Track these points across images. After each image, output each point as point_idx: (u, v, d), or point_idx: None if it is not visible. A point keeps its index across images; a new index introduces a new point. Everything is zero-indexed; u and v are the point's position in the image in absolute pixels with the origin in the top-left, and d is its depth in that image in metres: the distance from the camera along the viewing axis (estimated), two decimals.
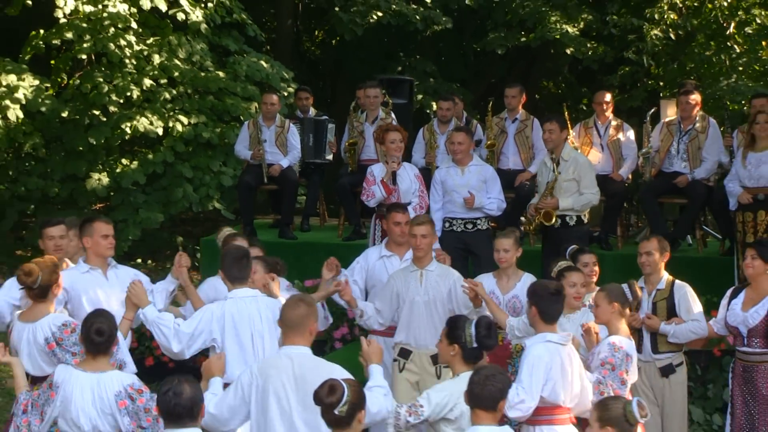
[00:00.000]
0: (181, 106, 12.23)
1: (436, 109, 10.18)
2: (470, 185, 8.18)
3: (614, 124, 9.51)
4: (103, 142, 11.96)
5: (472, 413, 4.53)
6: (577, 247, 7.13)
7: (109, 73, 12.07)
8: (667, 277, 6.62)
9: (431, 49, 16.04)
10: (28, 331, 5.49)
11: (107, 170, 12.10)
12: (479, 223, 8.20)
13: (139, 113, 11.90)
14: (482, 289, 6.25)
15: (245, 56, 13.03)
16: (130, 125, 11.80)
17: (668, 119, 9.45)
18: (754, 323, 6.13)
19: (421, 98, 13.75)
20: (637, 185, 9.98)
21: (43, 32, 12.13)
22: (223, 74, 12.58)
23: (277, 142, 9.98)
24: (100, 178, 11.98)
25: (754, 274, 6.29)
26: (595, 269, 6.76)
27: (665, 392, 6.56)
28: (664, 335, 6.47)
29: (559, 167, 7.99)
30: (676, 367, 6.53)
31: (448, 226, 8.23)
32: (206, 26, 12.77)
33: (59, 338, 5.40)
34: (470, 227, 8.09)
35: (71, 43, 12.16)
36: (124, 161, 12.25)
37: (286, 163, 9.92)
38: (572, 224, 8.05)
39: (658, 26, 13.78)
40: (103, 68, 12.18)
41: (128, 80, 11.95)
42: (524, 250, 7.15)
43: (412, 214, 7.87)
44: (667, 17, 13.80)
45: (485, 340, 5.06)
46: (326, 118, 10.43)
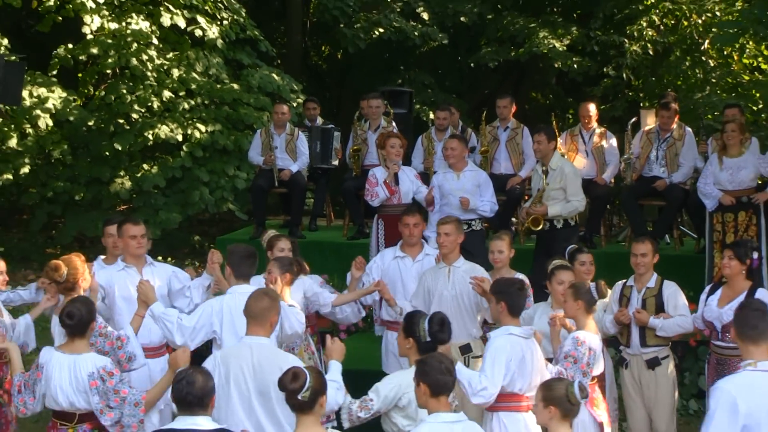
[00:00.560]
0: (198, 115, 12.25)
1: (433, 118, 10.17)
2: (465, 189, 8.17)
3: (598, 132, 9.54)
4: (126, 148, 11.98)
5: (432, 402, 4.46)
6: (576, 246, 7.14)
7: (132, 85, 12.11)
8: (656, 276, 6.57)
9: (429, 62, 16.04)
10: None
11: (130, 174, 12.12)
12: (473, 224, 8.18)
13: (159, 122, 11.93)
14: (488, 284, 6.17)
15: (257, 69, 13.06)
16: (151, 133, 11.83)
17: (648, 128, 9.46)
18: (727, 320, 6.04)
19: (419, 108, 13.75)
20: (619, 188, 10.00)
21: (71, 47, 12.16)
22: (237, 86, 12.61)
23: (287, 148, 9.99)
24: (123, 181, 12.00)
25: (730, 273, 6.26)
26: (591, 268, 6.72)
27: (651, 384, 6.50)
28: (652, 329, 6.42)
29: (547, 177, 7.98)
30: (662, 360, 6.47)
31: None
32: (222, 42, 12.81)
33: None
34: (465, 228, 8.06)
35: (97, 57, 12.20)
36: (145, 166, 12.25)
37: (295, 168, 9.93)
38: (560, 227, 8.05)
39: (638, 42, 13.80)
40: (126, 80, 12.21)
41: (150, 92, 11.99)
42: (516, 249, 7.16)
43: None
44: (646, 34, 13.82)
45: (438, 334, 5.04)
46: (332, 126, 10.43)
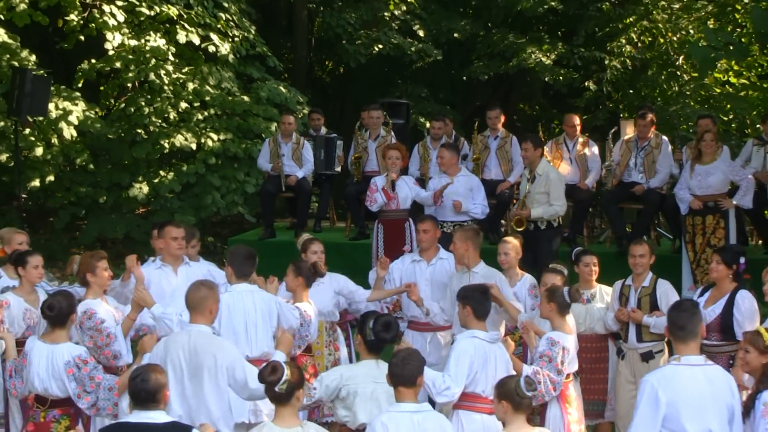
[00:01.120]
0: (211, 125, 12.24)
1: (429, 127, 10.19)
2: (458, 193, 8.21)
3: (581, 140, 9.56)
4: (144, 156, 11.99)
5: (395, 391, 4.47)
6: (582, 249, 7.14)
7: (150, 97, 12.11)
8: (651, 275, 6.56)
9: (424, 76, 16.05)
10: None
11: (148, 180, 12.10)
12: (465, 225, 8.20)
13: (175, 131, 11.92)
14: (497, 290, 6.16)
15: (266, 83, 13.06)
16: (167, 142, 11.82)
17: (627, 137, 9.48)
18: (710, 320, 6.04)
19: (416, 118, 13.76)
20: (600, 193, 10.00)
21: (93, 62, 12.17)
22: (247, 98, 12.60)
23: (293, 156, 10.01)
24: (141, 187, 11.98)
25: (717, 277, 6.20)
26: (594, 269, 6.66)
27: (642, 374, 6.45)
28: (647, 326, 6.40)
29: (534, 182, 8.00)
30: (655, 354, 6.42)
31: (439, 227, 8.23)
32: (233, 57, 12.81)
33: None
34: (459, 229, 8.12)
35: (118, 72, 12.22)
36: (162, 172, 12.24)
37: (301, 174, 9.95)
38: (543, 228, 8.07)
39: (617, 58, 13.82)
40: (145, 93, 12.21)
41: (166, 104, 12.00)
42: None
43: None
44: (625, 50, 13.85)
45: (381, 334, 4.98)
46: (335, 135, 10.45)
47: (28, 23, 11.49)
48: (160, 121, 12.00)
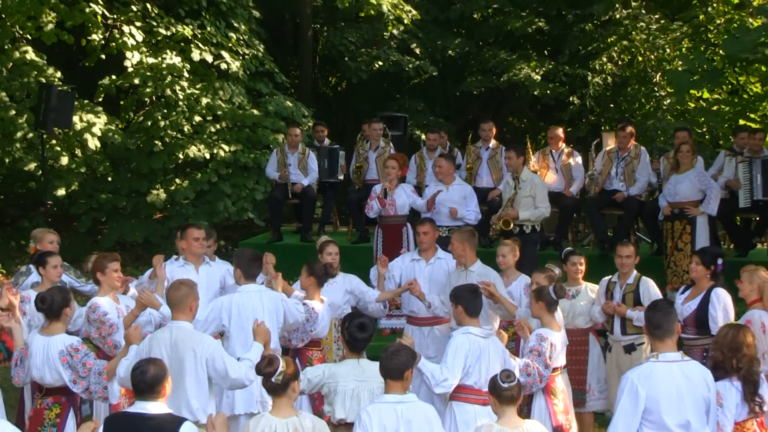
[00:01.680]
0: (223, 137, 12.28)
1: (425, 139, 10.19)
2: (453, 200, 8.21)
3: (566, 151, 9.56)
4: (161, 165, 12.00)
5: (385, 384, 4.46)
6: (570, 249, 7.16)
7: (166, 111, 12.15)
8: (636, 273, 6.59)
9: (421, 91, 16.07)
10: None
11: (164, 187, 12.13)
12: (462, 227, 8.22)
13: (189, 143, 11.96)
14: (494, 288, 6.23)
15: (274, 97, 13.09)
16: (182, 152, 11.86)
17: (608, 148, 9.49)
18: (686, 315, 6.09)
19: (413, 130, 13.79)
20: (584, 200, 10.01)
21: (114, 78, 12.20)
22: (256, 112, 12.64)
23: (299, 165, 10.01)
24: (158, 193, 12.00)
25: (696, 276, 6.22)
26: (581, 268, 6.70)
27: (627, 365, 6.40)
28: (630, 320, 6.44)
29: (519, 185, 8.03)
30: (637, 346, 6.46)
31: (441, 233, 8.26)
32: (243, 74, 12.85)
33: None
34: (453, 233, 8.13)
35: (137, 87, 12.25)
36: (177, 180, 12.27)
37: (306, 182, 9.95)
38: (528, 232, 8.07)
39: (599, 75, 13.86)
40: (161, 107, 12.26)
41: (181, 117, 12.04)
42: (493, 249, 7.15)
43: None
44: (606, 68, 13.88)
45: (355, 333, 4.92)
46: (338, 146, 10.45)
47: (54, 41, 11.54)
48: (175, 133, 12.03)
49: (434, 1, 15.50)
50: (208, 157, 11.94)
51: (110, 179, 12.22)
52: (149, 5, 12.71)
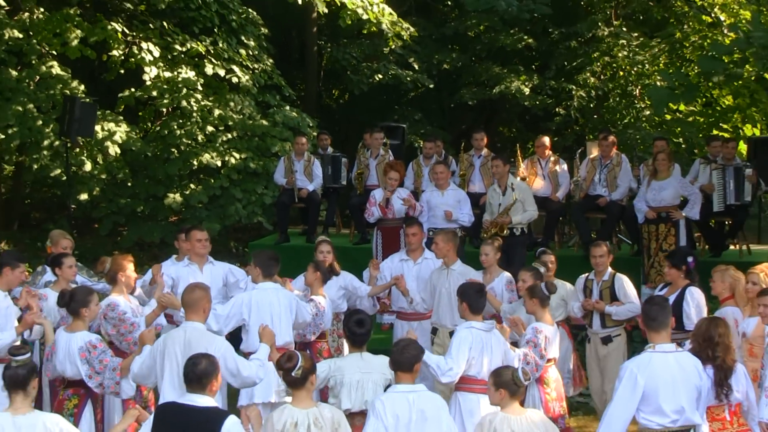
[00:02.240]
0: (234, 145, 12.26)
1: (422, 147, 10.20)
2: (448, 204, 8.23)
3: (552, 159, 9.56)
4: (176, 171, 12.00)
5: (395, 375, 4.45)
6: (544, 249, 7.20)
7: (181, 121, 12.14)
8: (610, 271, 6.61)
9: (418, 102, 16.08)
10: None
11: (180, 192, 12.11)
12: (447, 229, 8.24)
13: (203, 150, 11.94)
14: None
15: (281, 109, 13.08)
16: (196, 159, 11.85)
17: (592, 156, 9.49)
18: None
19: (410, 139, 13.79)
20: (569, 204, 10.00)
21: (133, 91, 12.21)
22: (265, 122, 12.61)
23: (305, 172, 10.00)
24: (174, 198, 11.98)
25: (671, 278, 6.23)
26: (552, 266, 6.73)
27: (605, 355, 6.55)
28: (608, 314, 6.46)
29: (505, 193, 8.04)
30: (614, 337, 6.50)
31: (431, 234, 8.23)
32: (253, 87, 12.85)
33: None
34: None
35: (154, 99, 12.24)
36: (192, 185, 12.25)
37: (311, 187, 9.94)
38: (518, 234, 8.10)
39: (583, 88, 13.87)
40: (177, 118, 12.24)
41: (195, 127, 12.02)
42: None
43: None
44: (590, 82, 13.90)
45: (353, 328, 4.93)
46: (340, 154, 10.44)
47: (78, 56, 11.55)
48: (190, 141, 12.02)
49: (430, 19, 15.53)
50: (220, 164, 11.93)
51: (129, 184, 12.21)
52: (166, 23, 12.73)
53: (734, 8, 13.03)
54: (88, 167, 11.40)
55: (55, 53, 11.67)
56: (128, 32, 12.24)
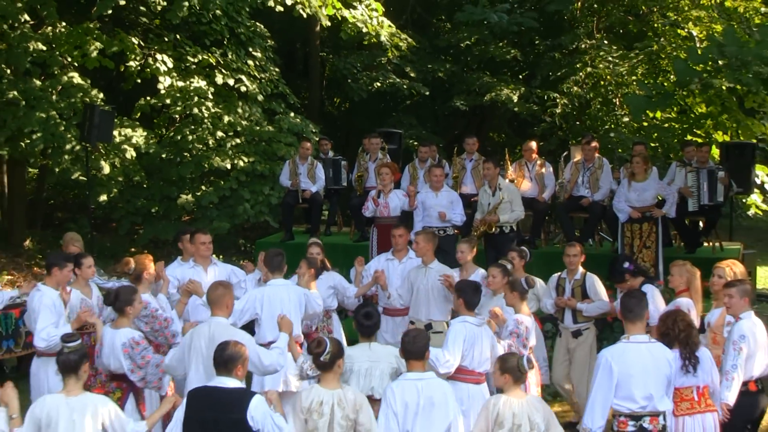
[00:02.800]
0: (242, 149, 12.24)
1: (417, 151, 10.17)
2: (442, 204, 8.18)
3: (539, 162, 9.53)
4: (188, 174, 11.96)
5: (407, 364, 4.45)
6: (512, 247, 7.16)
7: (193, 127, 12.12)
8: (582, 270, 6.58)
9: (414, 109, 16.04)
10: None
11: (192, 193, 12.09)
12: (448, 230, 8.21)
13: (213, 154, 11.92)
14: (454, 279, 6.21)
15: (286, 115, 13.06)
16: (207, 163, 11.82)
17: (576, 159, 9.46)
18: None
19: (407, 143, 13.75)
20: (555, 204, 9.99)
21: (149, 99, 12.17)
22: (271, 128, 12.61)
23: (308, 174, 9.97)
24: (186, 199, 11.97)
25: (626, 287, 6.15)
26: (514, 262, 6.62)
27: (575, 348, 6.54)
28: (580, 311, 6.44)
29: (501, 193, 8.01)
30: (583, 331, 6.49)
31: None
32: (260, 95, 12.82)
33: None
34: (442, 233, 8.11)
35: (168, 106, 12.21)
36: (203, 187, 12.24)
37: (314, 189, 9.91)
38: (507, 232, 8.08)
39: (567, 96, 13.85)
40: (189, 124, 12.21)
41: (206, 132, 12.00)
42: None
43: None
44: (573, 90, 13.88)
45: (362, 320, 4.93)
46: (340, 157, 10.39)
47: (97, 66, 11.51)
48: (201, 146, 11.99)
49: (425, 32, 15.50)
50: (229, 167, 11.90)
51: (145, 186, 12.18)
52: (179, 36, 12.70)
53: (707, 24, 13.03)
54: (106, 170, 11.37)
55: (75, 64, 11.64)
56: (144, 44, 12.21)
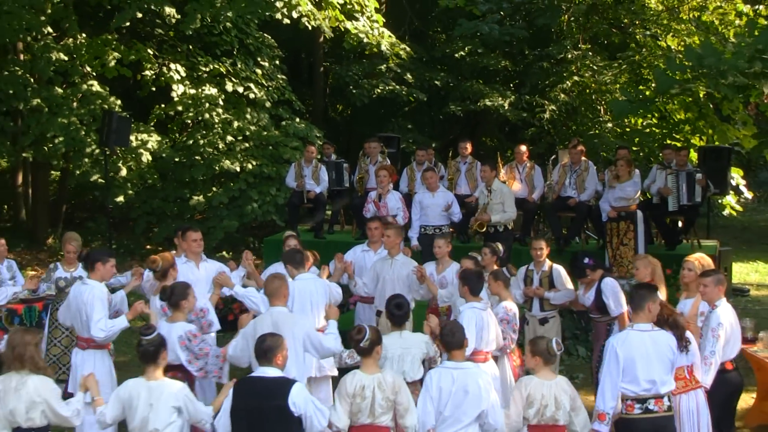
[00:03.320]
0: (250, 153, 12.23)
1: (415, 155, 10.14)
2: (438, 204, 8.16)
3: (528, 165, 9.50)
4: (200, 176, 11.95)
5: (448, 354, 4.47)
6: (492, 244, 7.01)
7: (204, 132, 12.11)
8: (548, 262, 6.58)
9: (412, 115, 16.03)
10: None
11: (203, 194, 12.08)
12: (443, 228, 8.19)
13: (223, 158, 11.90)
14: (425, 270, 6.26)
15: (292, 121, 13.04)
16: (217, 165, 11.81)
17: (563, 162, 9.44)
18: (588, 303, 6.12)
19: (405, 147, 13.72)
20: (543, 204, 9.97)
21: (163, 106, 12.15)
22: (278, 133, 12.59)
23: (312, 176, 9.94)
24: (198, 199, 11.96)
25: (585, 282, 6.16)
26: (485, 257, 6.52)
27: (541, 334, 6.32)
28: (547, 299, 6.45)
29: (491, 195, 8.01)
30: (549, 319, 6.50)
31: (423, 231, 8.20)
32: (268, 102, 12.80)
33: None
34: (438, 231, 8.09)
35: (181, 113, 12.19)
36: (214, 188, 12.24)
37: (318, 189, 9.87)
38: (501, 231, 8.06)
39: (554, 103, 13.83)
40: (201, 129, 12.20)
41: (217, 137, 11.99)
42: (470, 245, 7.07)
43: (401, 222, 7.97)
44: (560, 98, 13.86)
45: (393, 310, 4.97)
46: (342, 160, 10.35)
47: (115, 75, 11.49)
48: (212, 149, 11.98)
49: (422, 43, 15.49)
50: (238, 169, 11.89)
51: (159, 188, 12.17)
52: (192, 47, 12.69)
53: (685, 36, 13.02)
54: (124, 173, 11.38)
55: (95, 73, 11.65)
56: (159, 54, 12.19)
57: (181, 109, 12.04)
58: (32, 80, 11.29)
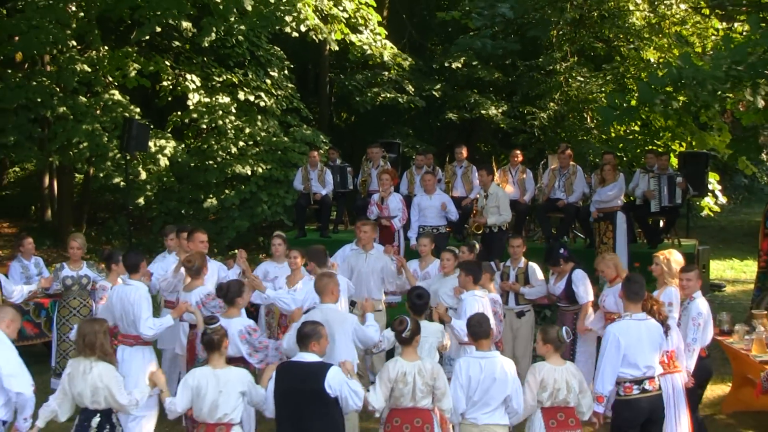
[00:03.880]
0: (261, 157, 12.22)
1: (414, 159, 10.14)
2: (436, 206, 8.18)
3: (521, 168, 9.50)
4: (214, 179, 11.95)
5: (475, 343, 4.47)
6: (466, 241, 7.13)
7: (218, 138, 12.10)
8: (524, 259, 6.58)
9: (411, 121, 16.02)
10: (185, 297, 5.35)
11: (216, 196, 12.08)
12: (441, 229, 8.21)
13: (236, 162, 11.90)
14: (404, 262, 6.33)
15: (300, 128, 13.04)
16: (230, 169, 11.80)
17: (553, 166, 9.44)
18: (559, 292, 6.14)
19: (405, 152, 13.71)
20: (534, 206, 9.97)
21: (179, 113, 12.15)
22: (286, 139, 12.58)
23: (318, 179, 9.93)
24: (212, 201, 11.95)
25: (560, 271, 6.19)
26: (462, 255, 6.41)
27: (518, 327, 6.53)
28: (522, 294, 6.46)
29: (488, 198, 8.01)
30: (525, 312, 6.51)
31: (422, 230, 8.20)
32: (277, 110, 12.80)
33: (204, 302, 5.30)
34: (435, 231, 8.09)
35: (196, 120, 12.19)
36: (226, 191, 12.22)
37: (324, 192, 9.87)
38: (495, 231, 8.06)
39: (544, 111, 13.83)
40: (214, 135, 12.20)
41: (229, 142, 11.99)
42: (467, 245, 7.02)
43: (398, 224, 8.04)
44: (549, 106, 13.85)
45: (415, 300, 4.99)
46: (346, 165, 10.33)
47: (135, 85, 11.50)
48: (225, 154, 11.98)
49: (421, 55, 15.49)
50: (249, 173, 11.88)
51: (176, 190, 12.17)
52: (206, 58, 12.70)
53: (666, 50, 13.02)
54: (143, 176, 11.39)
55: (116, 83, 11.65)
56: (176, 66, 12.20)
57: (196, 116, 12.05)
58: (58, 90, 11.30)
